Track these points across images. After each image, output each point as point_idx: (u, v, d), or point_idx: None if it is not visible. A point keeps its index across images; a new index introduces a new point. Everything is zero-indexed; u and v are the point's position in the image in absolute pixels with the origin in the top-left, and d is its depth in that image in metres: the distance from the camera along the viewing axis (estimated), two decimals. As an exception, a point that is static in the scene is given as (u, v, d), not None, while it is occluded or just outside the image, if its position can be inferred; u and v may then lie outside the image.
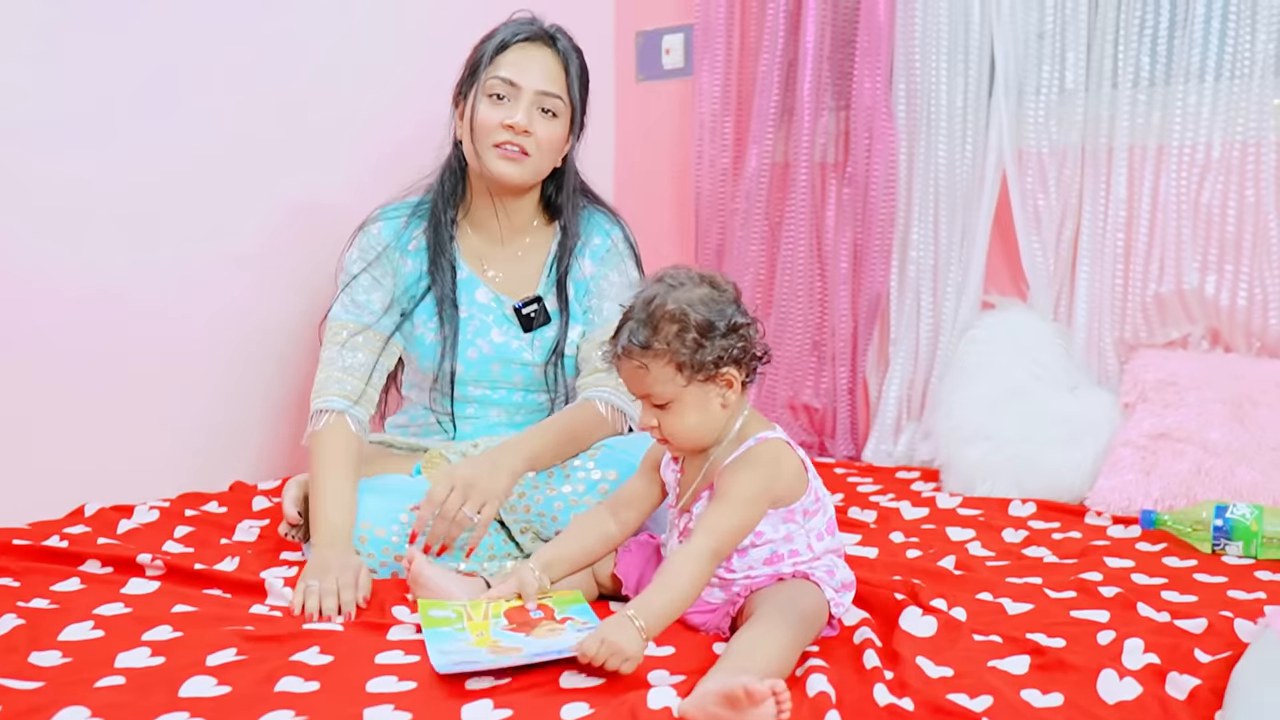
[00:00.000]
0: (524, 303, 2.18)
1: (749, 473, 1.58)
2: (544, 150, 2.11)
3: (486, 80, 2.09)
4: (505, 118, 2.07)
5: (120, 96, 2.32)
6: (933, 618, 1.64)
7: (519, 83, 2.08)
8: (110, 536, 2.04)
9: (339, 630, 1.59)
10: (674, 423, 1.60)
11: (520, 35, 2.11)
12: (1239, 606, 1.76)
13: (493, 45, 2.12)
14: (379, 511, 1.93)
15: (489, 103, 2.08)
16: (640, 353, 1.56)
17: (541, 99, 2.09)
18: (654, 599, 1.49)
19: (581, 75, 2.16)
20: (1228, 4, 2.46)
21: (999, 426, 2.54)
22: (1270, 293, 2.45)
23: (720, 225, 3.09)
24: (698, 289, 1.59)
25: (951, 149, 2.79)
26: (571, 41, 2.16)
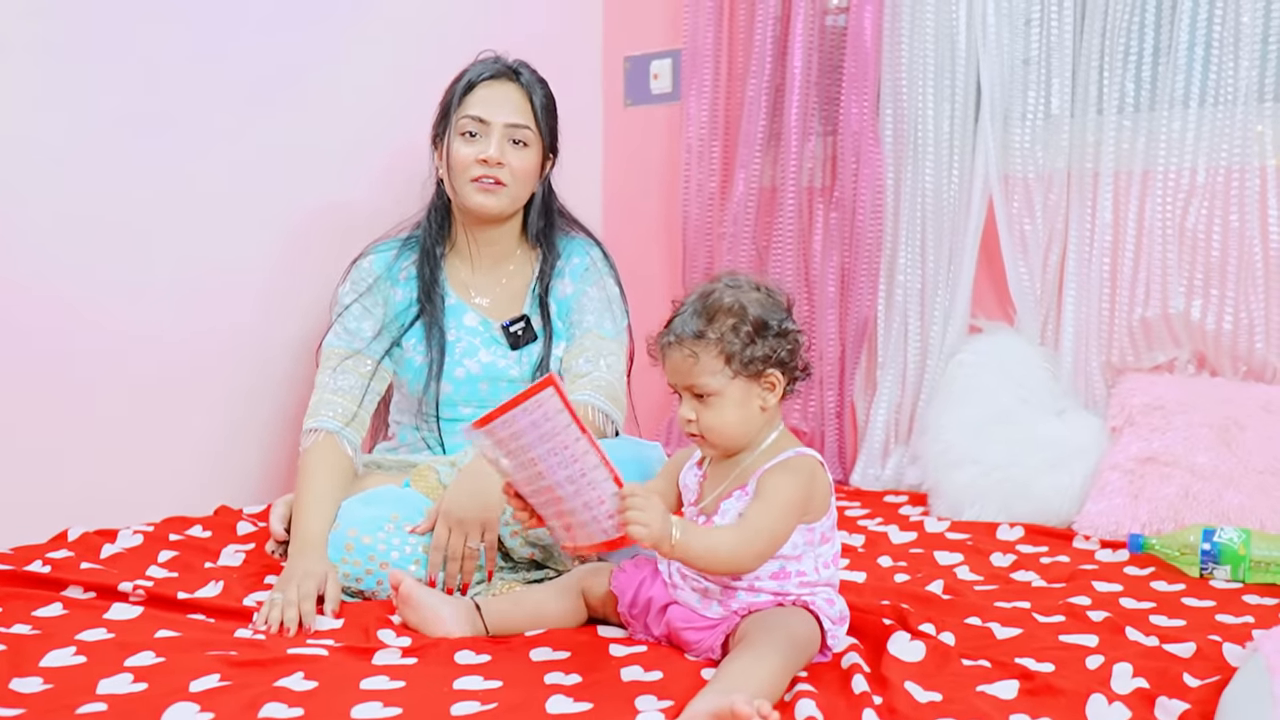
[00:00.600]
0: (511, 321, 2.26)
1: (791, 479, 1.59)
2: (518, 178, 2.22)
3: (458, 120, 2.21)
4: (479, 153, 2.19)
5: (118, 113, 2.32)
6: (921, 642, 1.63)
7: (488, 118, 2.20)
8: (93, 561, 2.03)
9: (324, 655, 1.58)
10: (713, 417, 1.60)
11: (485, 74, 2.24)
12: (1227, 630, 1.76)
13: (461, 86, 2.24)
14: (367, 519, 1.93)
15: (462, 140, 2.21)
16: (692, 341, 1.59)
17: (511, 131, 2.20)
18: (699, 531, 1.53)
19: (546, 104, 2.27)
20: (1211, 31, 2.47)
21: (986, 450, 2.54)
22: (1255, 317, 2.46)
23: (708, 249, 3.09)
24: (754, 292, 1.63)
25: (938, 174, 2.80)
26: (535, 74, 2.28)
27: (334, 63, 2.70)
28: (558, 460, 1.47)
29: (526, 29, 3.11)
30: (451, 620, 1.69)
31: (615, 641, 1.68)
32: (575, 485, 1.47)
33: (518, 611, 1.75)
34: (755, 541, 1.55)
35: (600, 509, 1.48)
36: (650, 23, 3.31)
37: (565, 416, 1.45)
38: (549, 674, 1.53)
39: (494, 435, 1.49)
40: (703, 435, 1.62)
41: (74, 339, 2.30)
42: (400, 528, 1.93)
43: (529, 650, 1.63)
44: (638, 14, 3.34)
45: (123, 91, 2.33)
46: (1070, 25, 2.64)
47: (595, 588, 1.76)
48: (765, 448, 1.64)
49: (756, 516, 1.57)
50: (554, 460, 1.47)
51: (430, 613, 1.70)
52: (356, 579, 1.91)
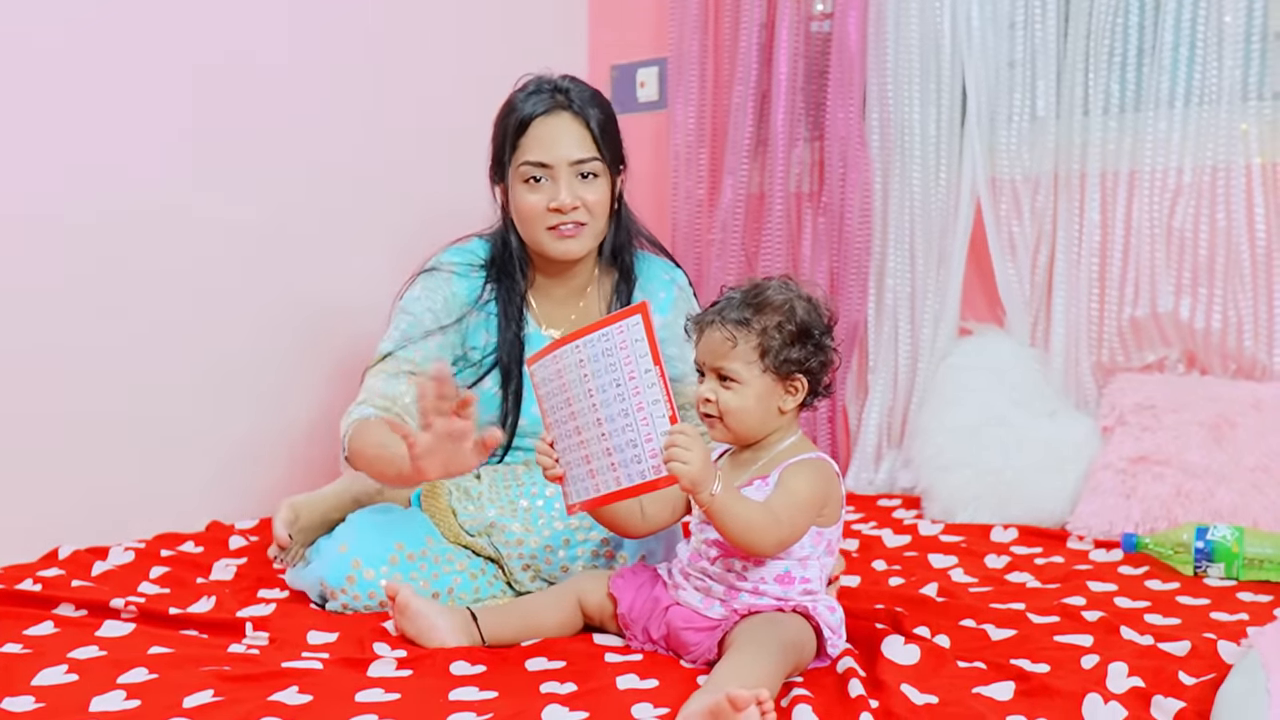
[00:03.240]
0: None
1: (814, 477, 1.63)
2: (596, 213, 2.08)
3: (518, 166, 2.05)
4: (549, 200, 2.03)
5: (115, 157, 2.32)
6: (915, 646, 1.63)
7: (550, 162, 2.03)
8: (85, 579, 2.02)
9: (318, 669, 1.57)
10: (732, 400, 1.63)
11: (539, 110, 2.05)
12: (1222, 628, 1.76)
13: (513, 125, 2.06)
14: (370, 550, 1.91)
15: (527, 188, 2.05)
16: (735, 325, 1.63)
17: (577, 168, 2.05)
18: (737, 493, 1.56)
19: (604, 123, 2.09)
20: (1195, 31, 2.48)
21: (979, 453, 2.55)
22: (1244, 315, 2.46)
23: (697, 255, 3.10)
24: (804, 300, 1.67)
25: (926, 177, 2.80)
26: (585, 90, 2.10)
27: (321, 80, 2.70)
28: (618, 392, 1.49)
29: (513, 39, 3.11)
30: (447, 630, 1.69)
31: (611, 650, 1.67)
32: (629, 419, 1.49)
33: (513, 620, 1.75)
34: (779, 526, 1.58)
35: (646, 445, 1.49)
36: (636, 31, 3.31)
37: (644, 345, 1.48)
38: (544, 683, 1.53)
39: (560, 361, 1.51)
40: (720, 417, 1.64)
41: (65, 358, 2.29)
42: (403, 560, 1.92)
43: (524, 660, 1.63)
44: (624, 23, 3.34)
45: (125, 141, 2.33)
46: (1055, 27, 2.65)
47: (591, 595, 1.76)
48: (785, 448, 1.68)
49: (781, 505, 1.59)
50: (614, 391, 1.49)
51: (426, 623, 1.69)
52: (354, 611, 1.90)
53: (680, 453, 1.47)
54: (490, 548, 1.97)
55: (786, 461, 1.64)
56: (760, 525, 1.55)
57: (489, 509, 1.99)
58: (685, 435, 1.48)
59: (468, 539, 1.98)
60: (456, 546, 1.97)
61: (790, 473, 1.63)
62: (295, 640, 1.73)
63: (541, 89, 2.08)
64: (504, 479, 2.04)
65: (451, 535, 1.99)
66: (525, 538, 1.95)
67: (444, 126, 2.86)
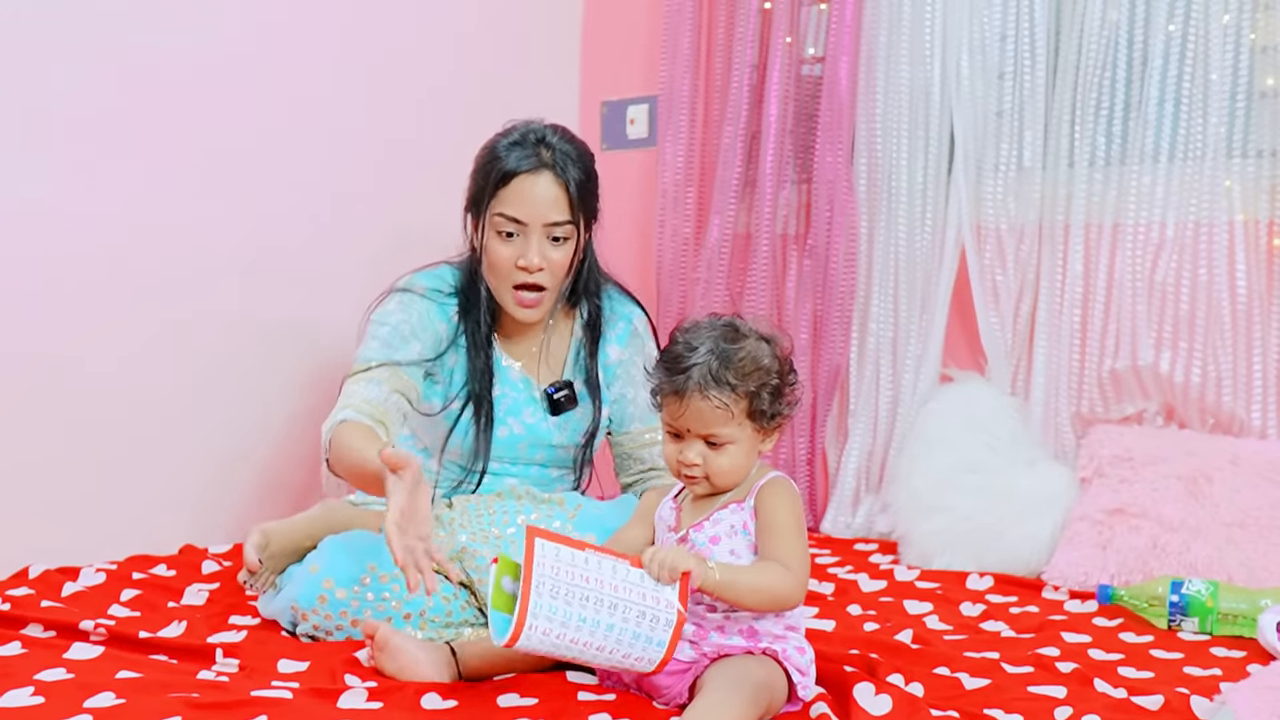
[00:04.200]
0: (555, 387, 2.20)
1: (790, 498, 1.64)
2: (558, 274, 2.12)
3: (493, 217, 2.09)
4: (518, 257, 2.08)
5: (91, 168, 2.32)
6: (888, 695, 1.62)
7: (526, 220, 2.07)
8: (54, 599, 2.00)
9: (288, 698, 1.55)
10: (721, 462, 1.63)
11: (524, 167, 2.07)
12: (1195, 683, 1.76)
13: (495, 175, 2.09)
14: (342, 571, 1.91)
15: (499, 240, 2.09)
16: (724, 392, 1.60)
17: (550, 230, 2.09)
18: (737, 568, 1.57)
19: (583, 182, 2.11)
20: (1180, 87, 2.51)
21: (957, 500, 2.55)
22: (1224, 370, 2.48)
23: (681, 294, 3.10)
24: (764, 343, 1.65)
25: (911, 223, 2.82)
26: (570, 147, 2.12)
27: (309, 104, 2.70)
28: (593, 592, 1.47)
29: (505, 73, 3.13)
30: (428, 665, 1.68)
31: (584, 688, 1.66)
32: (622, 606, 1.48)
33: (491, 654, 1.73)
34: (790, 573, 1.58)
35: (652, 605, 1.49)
36: (628, 68, 3.33)
37: (564, 550, 1.47)
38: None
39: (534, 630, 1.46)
40: (707, 477, 1.64)
41: (38, 375, 2.28)
42: (376, 581, 1.91)
43: (496, 695, 1.61)
44: (615, 59, 3.36)
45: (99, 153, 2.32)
46: (1043, 79, 2.67)
47: None
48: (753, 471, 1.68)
49: (780, 547, 1.59)
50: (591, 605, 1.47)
51: (408, 659, 1.68)
52: (326, 631, 1.90)
53: (659, 558, 1.49)
54: (462, 572, 1.96)
55: (758, 482, 1.65)
56: (771, 589, 1.56)
57: (460, 534, 1.98)
58: (656, 560, 1.50)
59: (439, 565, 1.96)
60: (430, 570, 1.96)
61: (768, 503, 1.62)
62: (266, 668, 1.72)
63: (526, 141, 2.10)
64: (476, 508, 2.04)
65: None
66: None
67: (432, 158, 2.87)
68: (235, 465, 2.59)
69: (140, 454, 2.44)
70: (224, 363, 2.56)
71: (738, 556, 1.61)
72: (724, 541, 1.62)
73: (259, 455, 2.63)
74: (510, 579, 1.54)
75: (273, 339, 2.61)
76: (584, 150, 2.16)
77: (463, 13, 3.04)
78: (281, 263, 2.65)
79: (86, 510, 2.35)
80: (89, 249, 2.34)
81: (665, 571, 1.49)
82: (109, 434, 2.38)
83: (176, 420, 2.49)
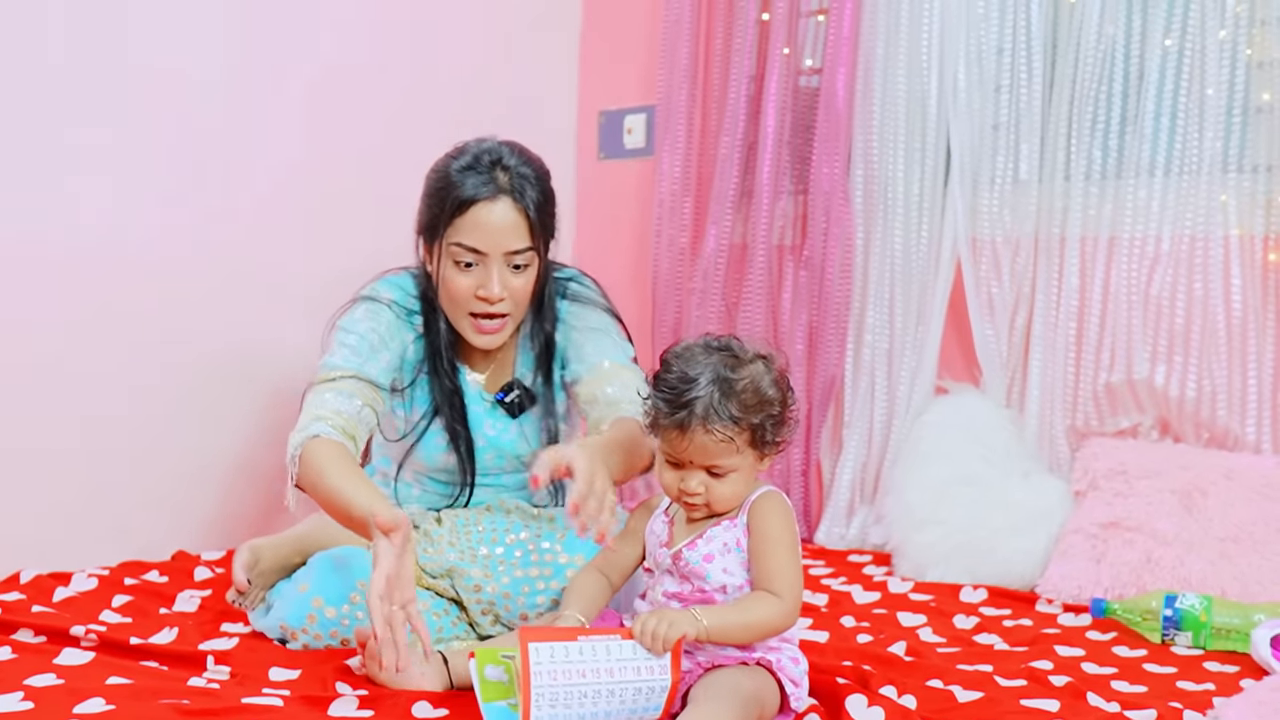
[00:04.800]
0: (504, 391, 2.12)
1: (782, 511, 1.63)
2: (520, 302, 2.04)
3: (450, 246, 1.99)
4: (478, 287, 1.99)
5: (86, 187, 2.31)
6: (880, 707, 1.62)
7: (485, 250, 1.97)
8: (46, 604, 1.99)
9: (278, 705, 1.55)
10: (724, 490, 1.61)
11: (481, 195, 1.97)
12: (1188, 697, 1.76)
13: (451, 203, 1.98)
14: (331, 590, 1.89)
15: (457, 269, 1.99)
16: (728, 425, 1.56)
17: (510, 258, 1.99)
18: (724, 610, 1.56)
19: (542, 205, 2.02)
20: (1176, 102, 2.51)
21: (951, 512, 2.54)
22: (1219, 384, 2.48)
23: (677, 304, 3.10)
24: (761, 365, 1.62)
25: (907, 235, 2.82)
26: (525, 167, 2.02)
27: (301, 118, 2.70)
28: (591, 696, 1.47)
29: (503, 83, 3.13)
30: (420, 674, 1.67)
31: (575, 697, 1.65)
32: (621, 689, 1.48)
33: None
34: (781, 600, 1.58)
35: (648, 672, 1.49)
36: (626, 78, 3.33)
37: (560, 649, 1.46)
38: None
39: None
40: (709, 504, 1.62)
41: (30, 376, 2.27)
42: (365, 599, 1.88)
43: (487, 704, 1.61)
44: (613, 69, 3.36)
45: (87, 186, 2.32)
46: (1039, 93, 2.67)
47: None
48: None
49: (777, 565, 1.59)
50: (589, 700, 1.46)
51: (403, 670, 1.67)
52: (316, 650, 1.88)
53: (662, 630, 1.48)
54: (451, 589, 1.95)
55: (750, 497, 1.63)
56: (762, 622, 1.56)
57: (449, 552, 1.96)
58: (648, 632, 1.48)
59: (429, 580, 1.95)
60: (419, 587, 1.94)
61: (760, 519, 1.61)
62: (257, 676, 1.71)
63: (480, 164, 1.99)
64: (465, 524, 2.02)
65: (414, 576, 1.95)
66: (484, 584, 1.93)
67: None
68: (230, 472, 2.58)
69: (134, 459, 2.43)
70: (218, 368, 2.56)
71: (730, 574, 1.61)
72: (717, 560, 1.61)
73: (254, 462, 2.62)
74: (493, 668, 1.56)
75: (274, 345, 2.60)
76: (540, 168, 2.06)
77: (460, 21, 3.04)
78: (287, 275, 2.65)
79: (79, 516, 2.34)
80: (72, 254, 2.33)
81: (659, 644, 1.48)
82: (102, 438, 2.38)
83: (171, 425, 2.49)
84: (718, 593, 1.61)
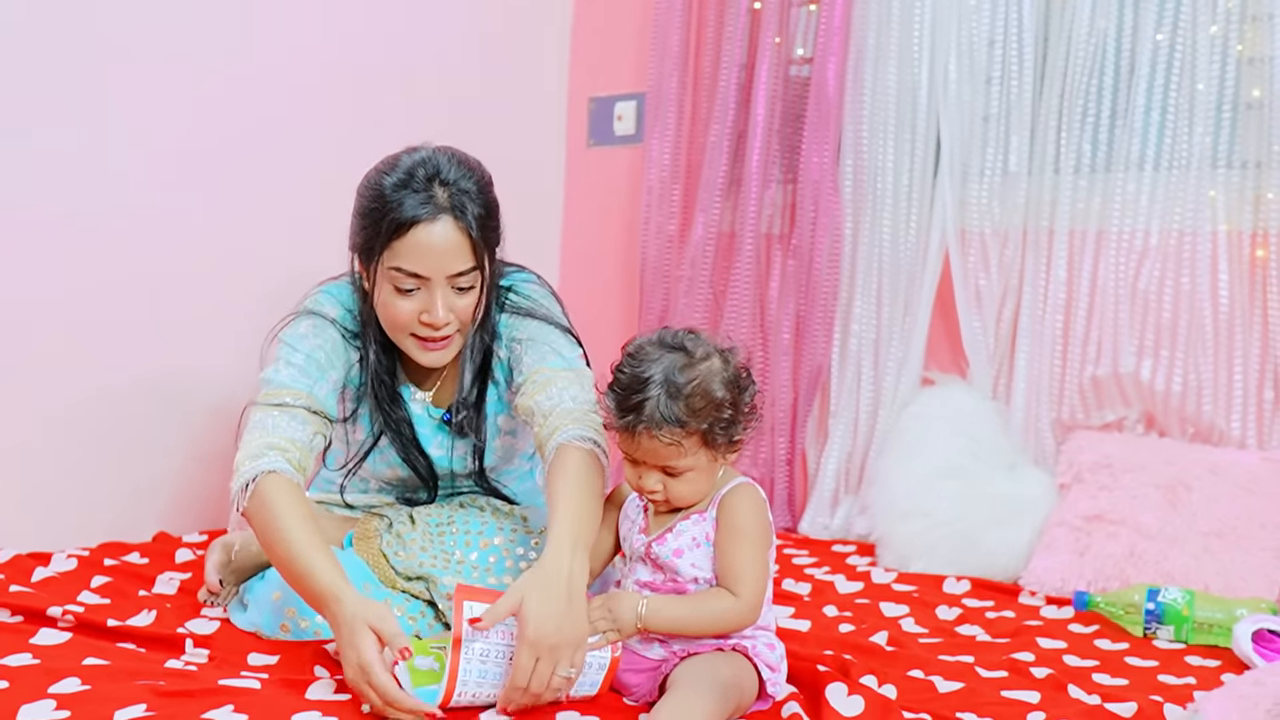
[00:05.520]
0: (448, 413, 2.04)
1: (750, 512, 1.61)
2: (466, 320, 1.91)
3: (389, 271, 1.84)
4: (420, 311, 1.86)
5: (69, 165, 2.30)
6: (860, 696, 1.61)
7: (427, 274, 1.83)
8: (24, 584, 1.98)
9: (255, 688, 1.54)
10: (682, 489, 1.60)
11: (421, 216, 1.81)
12: (1169, 691, 1.76)
13: (387, 226, 1.82)
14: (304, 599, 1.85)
15: (398, 295, 1.86)
16: (674, 429, 1.54)
17: (455, 280, 1.86)
18: (673, 602, 1.57)
19: (484, 219, 1.88)
20: (1167, 97, 2.51)
21: (935, 503, 2.54)
22: (1204, 379, 2.48)
23: (665, 291, 3.09)
24: (717, 361, 1.58)
25: (896, 226, 2.81)
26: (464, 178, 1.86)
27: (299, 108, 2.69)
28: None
29: (494, 68, 3.11)
30: None
31: (554, 684, 1.65)
32: None
33: None
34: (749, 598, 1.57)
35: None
36: (616, 65, 3.32)
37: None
38: (484, 713, 1.51)
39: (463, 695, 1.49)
40: (668, 500, 1.61)
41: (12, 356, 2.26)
42: None
43: (466, 689, 1.60)
44: (604, 56, 3.35)
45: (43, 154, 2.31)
46: (1030, 85, 2.67)
47: None
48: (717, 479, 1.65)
49: (739, 561, 1.58)
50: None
51: None
52: None
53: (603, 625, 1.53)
54: (426, 592, 1.90)
55: (720, 490, 1.62)
56: (714, 618, 1.56)
57: (421, 556, 1.92)
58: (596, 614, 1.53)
59: (404, 584, 1.91)
60: (393, 590, 1.90)
61: (728, 513, 1.60)
62: (235, 659, 1.70)
63: (415, 182, 1.83)
64: (439, 524, 1.97)
65: (387, 580, 1.91)
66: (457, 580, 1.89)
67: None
68: (211, 454, 2.57)
69: (116, 440, 2.41)
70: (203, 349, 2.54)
71: (700, 569, 1.60)
72: (687, 554, 1.60)
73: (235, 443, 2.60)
74: (423, 658, 1.58)
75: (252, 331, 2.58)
76: (480, 178, 1.90)
77: (451, 7, 3.02)
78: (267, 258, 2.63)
79: (60, 496, 2.33)
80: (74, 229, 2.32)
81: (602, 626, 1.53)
82: (85, 420, 2.36)
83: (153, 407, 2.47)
84: (690, 584, 1.60)
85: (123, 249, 2.40)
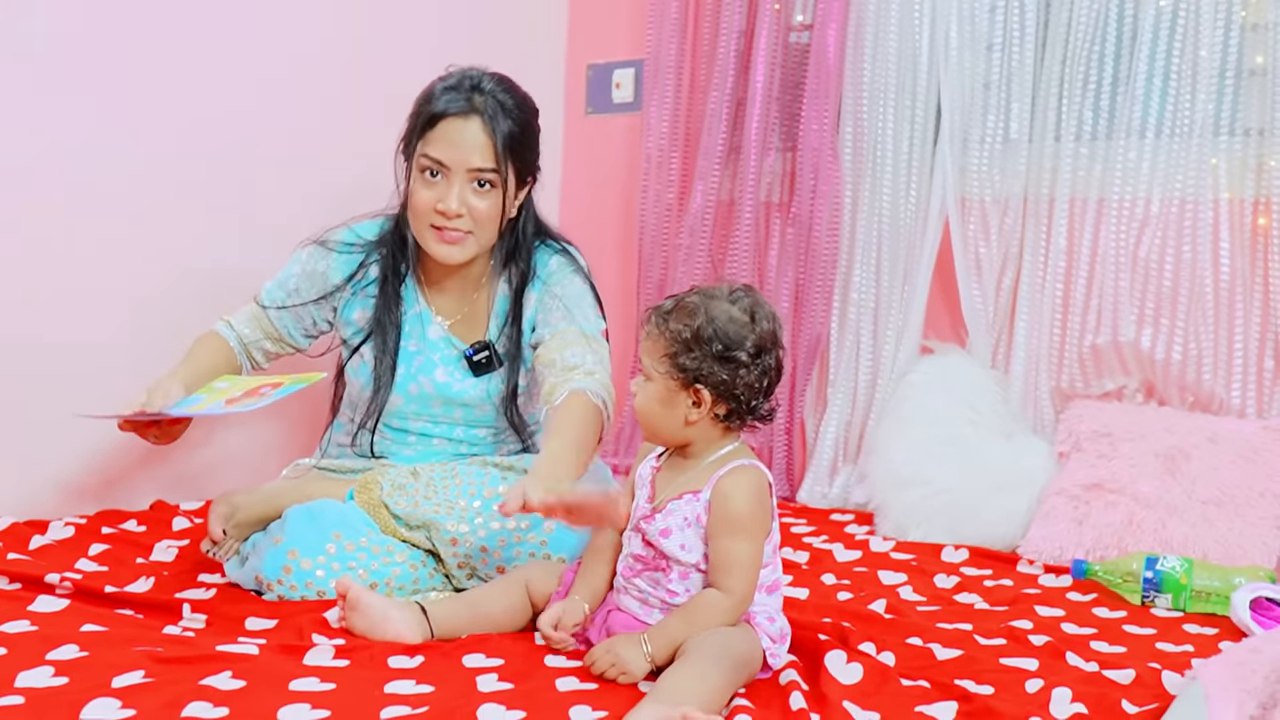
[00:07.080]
0: (474, 349, 2.14)
1: (747, 498, 1.59)
2: (482, 224, 2.06)
3: (419, 156, 2.06)
4: (438, 200, 2.04)
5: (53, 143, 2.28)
6: (859, 663, 1.62)
7: (448, 163, 2.03)
8: (21, 552, 1.98)
9: (253, 654, 1.54)
10: (640, 397, 1.64)
11: (452, 109, 2.04)
12: (1167, 658, 1.76)
13: (424, 117, 2.06)
14: (306, 542, 1.89)
15: (422, 181, 2.06)
16: (655, 323, 1.62)
17: (474, 175, 2.04)
18: (669, 628, 1.56)
19: (513, 135, 2.06)
20: (1169, 63, 2.49)
21: (934, 472, 2.54)
22: (1204, 348, 2.47)
23: (663, 260, 3.08)
24: (736, 310, 1.60)
25: (896, 194, 2.80)
26: (505, 98, 2.07)
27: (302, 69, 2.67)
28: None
29: (490, 34, 3.09)
30: (401, 623, 1.67)
31: (552, 651, 1.65)
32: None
33: (463, 612, 1.73)
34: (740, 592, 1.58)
35: None
36: (614, 32, 3.30)
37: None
38: (482, 680, 1.51)
39: None
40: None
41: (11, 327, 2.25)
42: (342, 550, 1.89)
43: (463, 655, 1.61)
44: (602, 23, 3.33)
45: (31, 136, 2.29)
46: (1031, 52, 2.65)
47: (542, 586, 1.75)
48: (716, 458, 1.64)
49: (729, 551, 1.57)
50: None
51: (379, 615, 1.67)
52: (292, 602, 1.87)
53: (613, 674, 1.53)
54: (428, 541, 1.95)
55: (718, 472, 1.61)
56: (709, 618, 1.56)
57: (424, 505, 1.96)
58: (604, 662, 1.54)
59: (405, 533, 1.95)
60: (395, 539, 1.95)
61: (722, 498, 1.59)
62: (233, 625, 1.71)
63: (461, 85, 2.06)
64: (442, 477, 2.02)
65: (389, 530, 1.96)
66: (460, 537, 1.92)
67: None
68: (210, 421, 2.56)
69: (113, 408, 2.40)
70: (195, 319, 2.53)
71: (688, 550, 1.60)
72: (675, 535, 1.60)
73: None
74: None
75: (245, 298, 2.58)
76: (524, 102, 2.11)
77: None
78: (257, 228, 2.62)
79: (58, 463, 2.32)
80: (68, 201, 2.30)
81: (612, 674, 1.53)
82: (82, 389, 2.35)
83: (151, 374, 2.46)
84: (675, 562, 1.60)
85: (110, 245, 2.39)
